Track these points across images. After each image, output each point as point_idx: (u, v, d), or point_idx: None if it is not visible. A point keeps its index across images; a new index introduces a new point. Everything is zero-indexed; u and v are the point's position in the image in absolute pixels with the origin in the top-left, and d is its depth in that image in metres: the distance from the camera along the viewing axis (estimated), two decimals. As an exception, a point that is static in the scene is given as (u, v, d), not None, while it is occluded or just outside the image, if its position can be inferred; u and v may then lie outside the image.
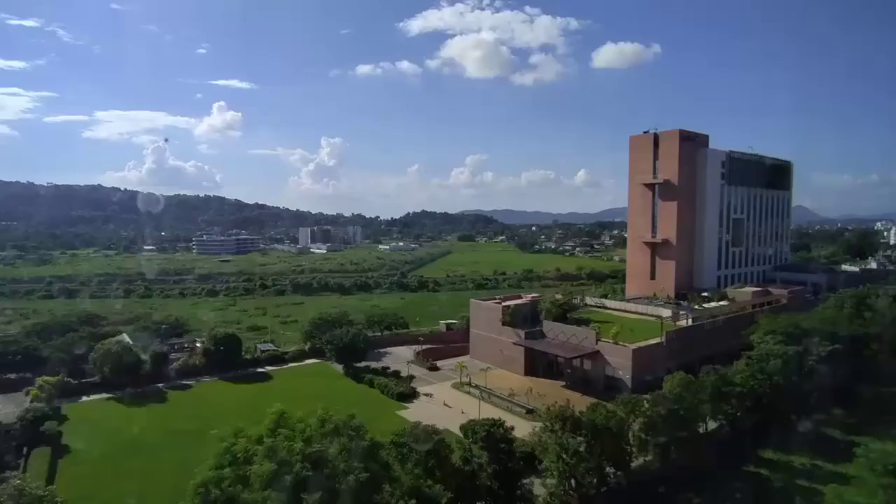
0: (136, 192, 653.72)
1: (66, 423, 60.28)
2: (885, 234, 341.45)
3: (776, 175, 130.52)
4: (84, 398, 71.25)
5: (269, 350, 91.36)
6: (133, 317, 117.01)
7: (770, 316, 77.04)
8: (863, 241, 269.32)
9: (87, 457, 52.88)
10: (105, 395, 71.75)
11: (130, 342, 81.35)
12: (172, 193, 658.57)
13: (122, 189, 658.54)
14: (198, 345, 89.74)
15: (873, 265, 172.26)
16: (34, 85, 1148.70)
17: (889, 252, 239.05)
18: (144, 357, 77.95)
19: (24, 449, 52.34)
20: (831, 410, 59.21)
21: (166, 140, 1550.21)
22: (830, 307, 79.20)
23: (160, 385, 75.99)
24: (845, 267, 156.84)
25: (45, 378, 68.95)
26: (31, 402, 61.30)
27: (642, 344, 71.58)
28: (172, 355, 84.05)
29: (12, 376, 73.82)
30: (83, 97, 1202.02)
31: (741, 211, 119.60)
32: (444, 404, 67.75)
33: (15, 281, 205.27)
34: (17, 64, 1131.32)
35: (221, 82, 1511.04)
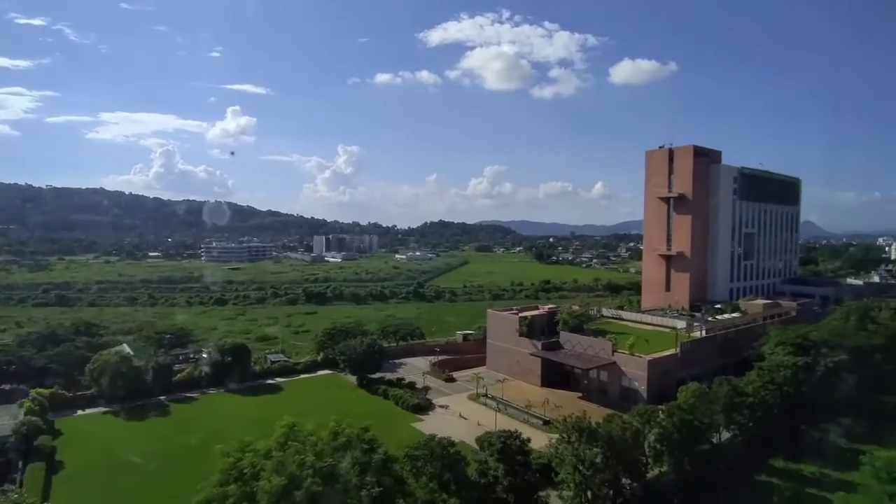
0: (143, 196, 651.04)
1: (61, 438, 58.81)
2: (887, 249, 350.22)
3: (785, 191, 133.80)
4: (79, 412, 69.11)
5: (279, 361, 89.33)
6: (135, 326, 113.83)
7: (780, 327, 78.18)
8: (866, 255, 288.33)
9: (81, 474, 51.21)
10: (102, 409, 69.72)
11: (131, 353, 78.63)
12: (181, 199, 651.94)
13: (127, 193, 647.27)
14: (204, 355, 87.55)
15: (876, 279, 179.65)
16: (37, 84, 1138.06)
17: (890, 266, 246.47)
18: (146, 368, 75.23)
19: (20, 463, 51.22)
20: (838, 420, 60.30)
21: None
22: (837, 319, 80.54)
23: (162, 398, 73.81)
24: (850, 280, 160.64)
25: (39, 390, 67.23)
26: (25, 414, 58.85)
27: (658, 355, 72.43)
28: (176, 366, 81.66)
29: (6, 387, 70.93)
30: (87, 97, 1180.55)
31: (752, 225, 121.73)
32: (460, 416, 67.55)
33: (9, 287, 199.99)
34: (22, 63, 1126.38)
35: (236, 87, 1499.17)
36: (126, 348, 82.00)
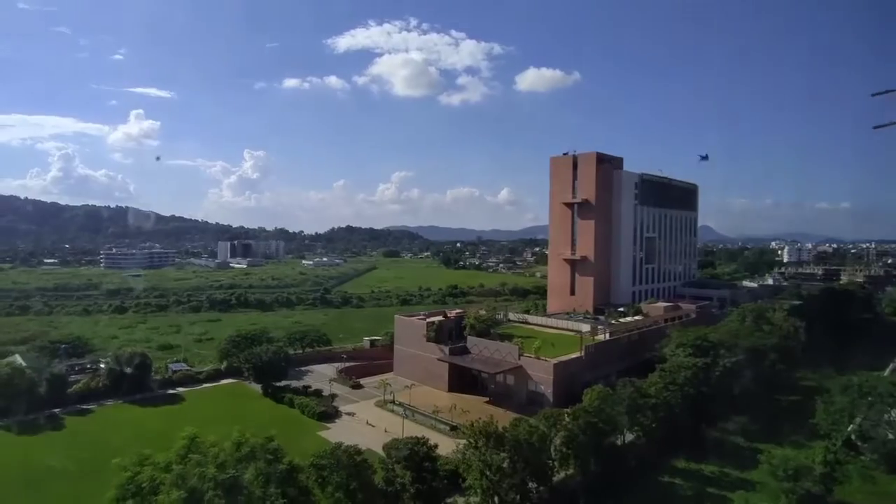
0: (39, 200, 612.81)
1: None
2: (779, 253, 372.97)
3: (684, 196, 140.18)
4: (-33, 427, 64.93)
5: (181, 370, 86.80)
6: (28, 335, 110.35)
7: (680, 329, 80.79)
8: (760, 259, 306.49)
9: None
10: (-10, 424, 65.89)
11: (23, 364, 75.50)
12: (80, 203, 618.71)
13: (22, 197, 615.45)
14: (101, 365, 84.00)
15: (769, 281, 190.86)
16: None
17: (782, 269, 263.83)
18: (39, 380, 72.28)
19: None
20: (736, 418, 62.31)
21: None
22: (734, 320, 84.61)
23: (57, 410, 70.39)
24: (745, 283, 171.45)
25: None
26: None
27: (563, 358, 72.71)
28: (72, 377, 78.62)
29: None
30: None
31: (653, 230, 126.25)
32: (367, 423, 66.24)
33: None
34: None
35: (139, 90, 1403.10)
36: (18, 359, 79.28)
